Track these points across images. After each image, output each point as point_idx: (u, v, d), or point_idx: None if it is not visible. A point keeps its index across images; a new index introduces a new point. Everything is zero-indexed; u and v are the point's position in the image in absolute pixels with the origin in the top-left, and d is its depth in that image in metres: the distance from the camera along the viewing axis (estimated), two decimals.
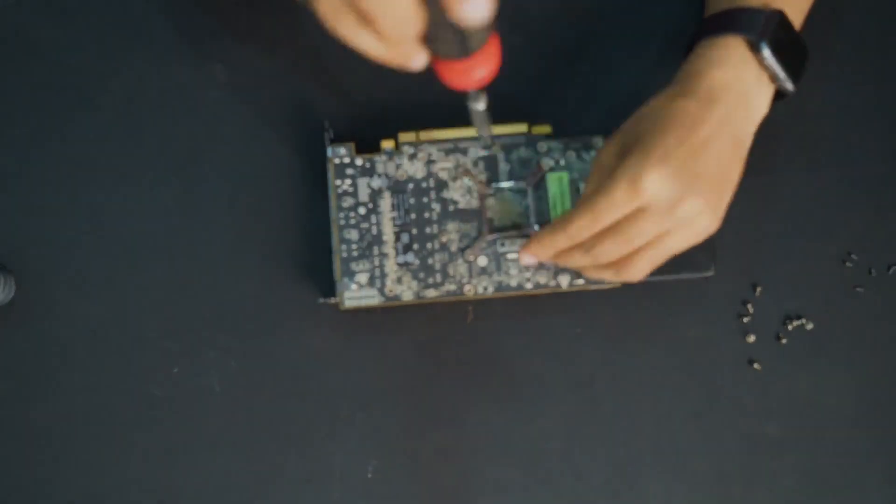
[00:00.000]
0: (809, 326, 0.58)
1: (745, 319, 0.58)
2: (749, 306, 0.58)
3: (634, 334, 0.58)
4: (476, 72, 0.40)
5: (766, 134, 0.60)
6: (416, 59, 0.40)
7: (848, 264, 0.59)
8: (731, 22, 0.50)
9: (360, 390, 0.58)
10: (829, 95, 0.60)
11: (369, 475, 0.57)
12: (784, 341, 0.58)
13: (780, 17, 0.50)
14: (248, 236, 0.59)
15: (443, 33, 0.38)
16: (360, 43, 0.40)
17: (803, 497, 0.57)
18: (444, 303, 0.57)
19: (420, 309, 0.58)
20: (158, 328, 0.58)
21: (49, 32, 0.60)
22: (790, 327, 0.58)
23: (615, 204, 0.47)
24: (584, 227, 0.49)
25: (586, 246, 0.49)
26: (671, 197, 0.47)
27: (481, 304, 0.58)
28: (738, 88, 0.49)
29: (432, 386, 0.58)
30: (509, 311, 0.58)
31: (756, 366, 0.58)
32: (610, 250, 0.49)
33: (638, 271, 0.50)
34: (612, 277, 0.51)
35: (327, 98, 0.60)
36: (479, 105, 0.47)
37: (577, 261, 0.51)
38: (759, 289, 0.59)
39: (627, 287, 0.57)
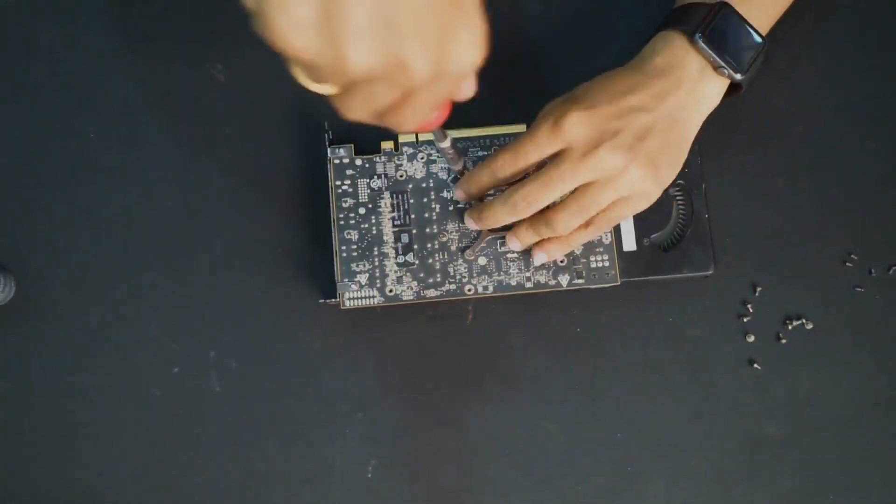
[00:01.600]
0: (809, 326, 0.58)
1: (745, 319, 0.58)
2: (749, 306, 0.58)
3: (634, 334, 0.58)
4: (433, 118, 0.43)
5: (766, 134, 0.61)
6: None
7: (848, 264, 0.59)
8: (675, 18, 0.54)
9: (360, 390, 0.58)
10: (829, 95, 0.60)
11: (369, 475, 0.57)
12: (784, 341, 0.58)
13: (723, 9, 0.53)
14: (248, 236, 0.59)
15: None
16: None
17: (803, 497, 0.57)
18: (444, 303, 0.57)
19: (420, 309, 0.58)
20: (158, 328, 0.58)
21: (49, 32, 0.60)
22: (790, 327, 0.58)
23: (536, 141, 0.50)
24: (506, 162, 0.51)
25: (507, 193, 0.52)
26: (587, 141, 0.49)
27: (481, 304, 0.58)
28: (680, 72, 0.52)
29: (432, 386, 0.58)
30: (509, 311, 0.58)
31: (756, 366, 0.58)
32: (529, 194, 0.51)
33: (562, 223, 0.52)
34: (535, 235, 0.53)
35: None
36: (444, 143, 0.49)
37: (499, 213, 0.52)
38: (759, 289, 0.59)
39: (627, 287, 0.57)
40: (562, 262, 0.56)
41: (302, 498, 0.57)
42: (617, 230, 0.57)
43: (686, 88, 0.52)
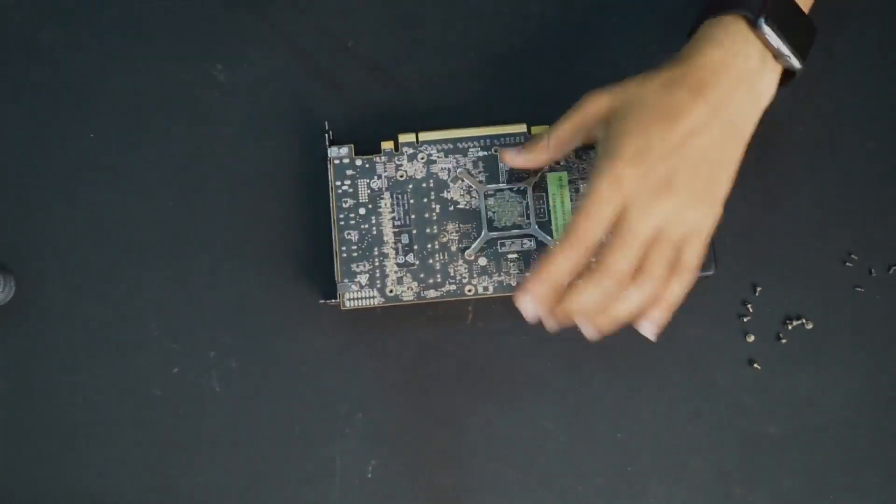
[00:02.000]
0: (809, 326, 0.58)
1: (745, 319, 0.58)
2: (749, 306, 0.58)
3: (634, 334, 0.58)
4: None
5: (766, 134, 0.60)
6: None
7: (848, 264, 0.59)
8: (729, 1, 0.49)
9: (360, 390, 0.58)
10: (829, 95, 0.60)
11: (369, 475, 0.57)
12: (784, 341, 0.58)
13: None
14: (247, 236, 0.59)
15: None
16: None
17: (803, 497, 0.57)
18: (444, 303, 0.57)
19: (420, 309, 0.58)
20: (158, 328, 0.58)
21: (49, 32, 0.60)
22: (790, 327, 0.58)
23: (600, 208, 0.47)
24: (583, 227, 0.48)
25: (596, 272, 0.48)
26: (648, 191, 0.47)
27: (481, 304, 0.58)
28: (737, 68, 0.49)
29: (432, 386, 0.58)
30: (509, 311, 0.58)
31: (756, 366, 0.58)
32: (612, 261, 0.48)
33: (650, 274, 0.48)
34: (637, 297, 0.49)
35: (327, 98, 0.60)
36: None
37: (591, 294, 0.48)
38: (759, 289, 0.59)
39: None
40: None
41: (302, 498, 0.57)
42: None
43: (746, 86, 0.49)
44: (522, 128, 0.57)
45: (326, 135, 0.57)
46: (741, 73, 0.49)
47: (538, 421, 0.57)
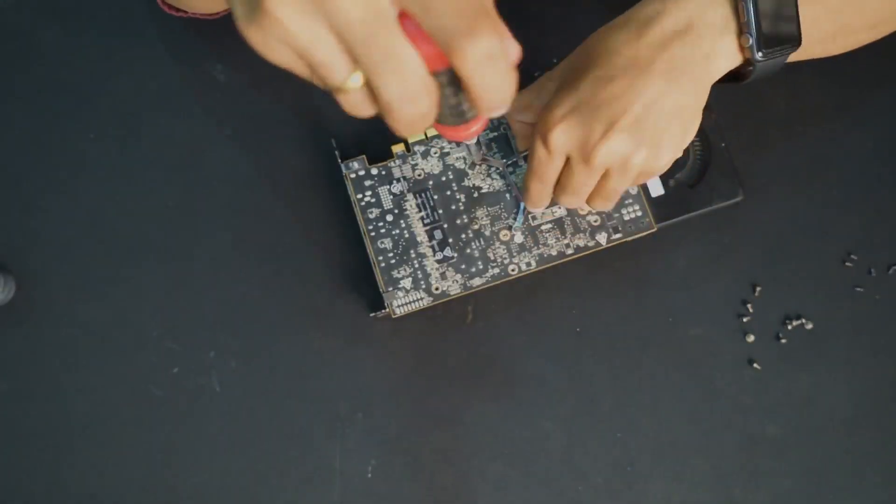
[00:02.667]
0: (809, 326, 0.58)
1: (745, 319, 0.58)
2: (749, 306, 0.58)
3: (634, 334, 0.58)
4: (472, 131, 0.41)
5: (766, 133, 0.61)
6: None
7: (848, 264, 0.59)
8: None
9: (360, 390, 0.58)
10: (828, 95, 0.60)
11: (369, 475, 0.57)
12: (784, 341, 0.58)
13: None
14: (247, 236, 0.59)
15: (449, 112, 0.38)
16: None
17: (803, 497, 0.57)
18: (443, 303, 0.57)
19: (419, 309, 0.58)
20: (158, 328, 0.58)
21: (49, 32, 0.60)
22: (790, 327, 0.58)
23: (541, 165, 0.50)
24: (537, 189, 0.51)
25: (561, 188, 0.51)
26: (580, 145, 0.48)
27: (481, 303, 0.58)
28: (698, 28, 0.47)
29: (432, 386, 0.58)
30: (509, 311, 0.58)
31: (756, 365, 0.58)
32: (569, 201, 0.51)
33: (610, 202, 0.51)
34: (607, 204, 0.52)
35: (328, 98, 0.60)
36: (472, 141, 0.48)
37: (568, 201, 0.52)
38: (758, 289, 0.59)
39: (627, 286, 0.57)
40: (596, 221, 0.56)
41: (302, 498, 0.57)
42: None
43: (700, 48, 0.47)
44: None
45: (335, 152, 0.57)
46: (686, 16, 0.47)
47: (538, 420, 0.57)
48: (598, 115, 0.47)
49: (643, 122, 0.47)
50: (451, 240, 0.56)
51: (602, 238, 0.56)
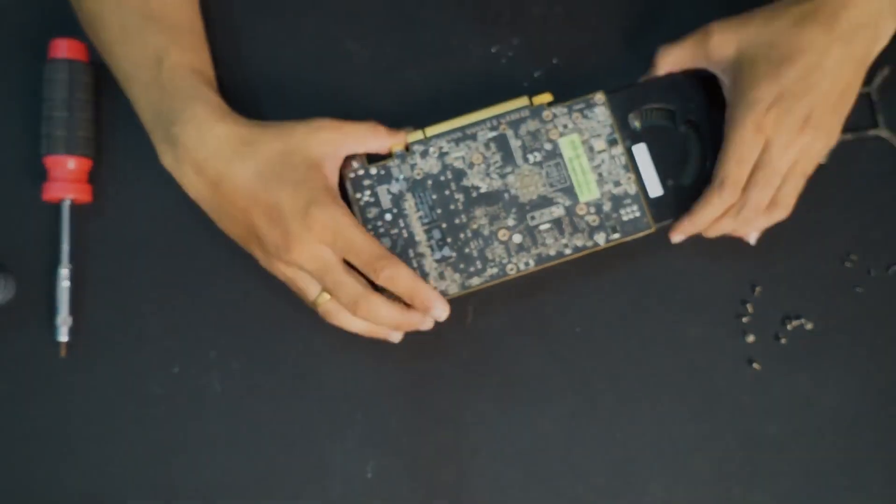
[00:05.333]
0: (809, 326, 0.58)
1: (745, 319, 0.58)
2: (748, 306, 0.58)
3: (634, 334, 0.58)
4: None
5: None
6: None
7: (848, 264, 0.59)
8: None
9: (360, 390, 0.58)
10: None
11: (369, 475, 0.57)
12: (783, 341, 0.58)
13: None
14: None
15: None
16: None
17: (803, 497, 0.57)
18: (456, 299, 0.57)
19: None
20: (158, 328, 0.58)
21: (50, 33, 0.60)
22: (790, 327, 0.58)
23: (746, 149, 0.53)
24: (734, 177, 0.53)
25: (737, 206, 0.54)
26: (790, 130, 0.52)
27: (481, 304, 0.58)
28: (867, 4, 0.51)
29: (432, 386, 0.58)
30: (509, 311, 0.58)
31: (755, 366, 0.58)
32: (757, 198, 0.53)
33: (785, 206, 0.54)
34: (765, 223, 0.55)
35: (328, 100, 0.60)
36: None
37: (728, 226, 0.55)
38: (758, 289, 0.59)
39: (627, 286, 0.58)
40: (594, 221, 0.56)
41: (302, 498, 0.57)
42: (640, 177, 0.56)
43: (873, 24, 0.52)
44: (524, 101, 0.57)
45: None
46: (870, 10, 0.51)
47: (538, 421, 0.58)
48: (801, 105, 0.51)
49: (834, 112, 0.52)
50: (449, 239, 0.56)
51: (601, 238, 0.56)
